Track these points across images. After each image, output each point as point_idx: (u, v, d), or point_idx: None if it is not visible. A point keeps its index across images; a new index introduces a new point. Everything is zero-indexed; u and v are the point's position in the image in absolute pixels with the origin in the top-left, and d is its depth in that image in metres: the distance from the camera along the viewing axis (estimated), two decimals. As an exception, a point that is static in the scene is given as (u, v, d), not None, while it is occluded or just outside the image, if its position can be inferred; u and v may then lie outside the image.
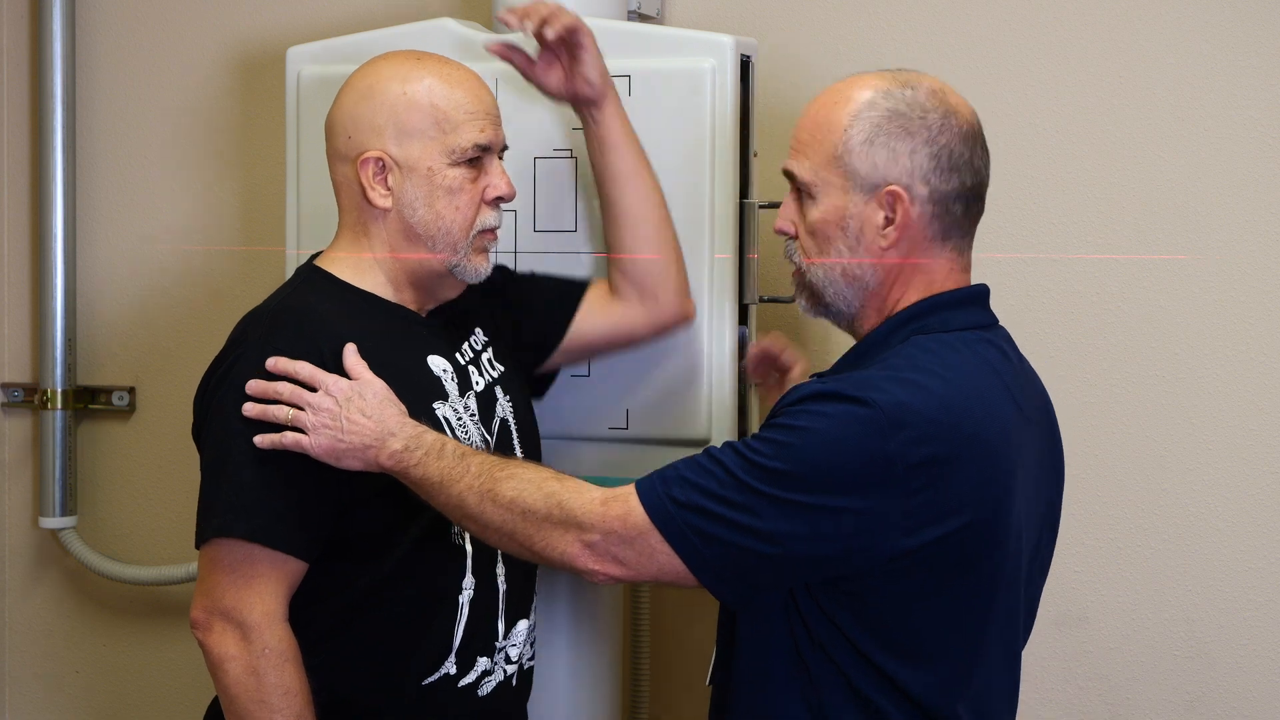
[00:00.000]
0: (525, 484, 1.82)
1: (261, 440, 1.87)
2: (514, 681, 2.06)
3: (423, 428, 1.90)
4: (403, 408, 1.91)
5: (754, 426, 2.38)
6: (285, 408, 1.88)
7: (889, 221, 1.80)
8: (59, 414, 2.99)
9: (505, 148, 2.08)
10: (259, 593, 1.87)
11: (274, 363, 1.90)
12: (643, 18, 2.57)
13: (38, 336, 3.01)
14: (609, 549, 1.77)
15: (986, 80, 2.57)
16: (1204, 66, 2.50)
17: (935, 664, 1.78)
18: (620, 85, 2.27)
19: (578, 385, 2.28)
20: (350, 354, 1.91)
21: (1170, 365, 2.53)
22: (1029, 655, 2.59)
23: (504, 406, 2.10)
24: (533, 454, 2.14)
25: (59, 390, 2.99)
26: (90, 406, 3.03)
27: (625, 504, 1.76)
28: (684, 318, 2.23)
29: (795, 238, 1.88)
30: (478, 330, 2.12)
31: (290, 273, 2.40)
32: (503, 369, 2.13)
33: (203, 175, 2.97)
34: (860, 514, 1.69)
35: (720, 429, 2.28)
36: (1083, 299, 2.56)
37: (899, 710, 1.78)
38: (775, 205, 2.45)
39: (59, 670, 3.11)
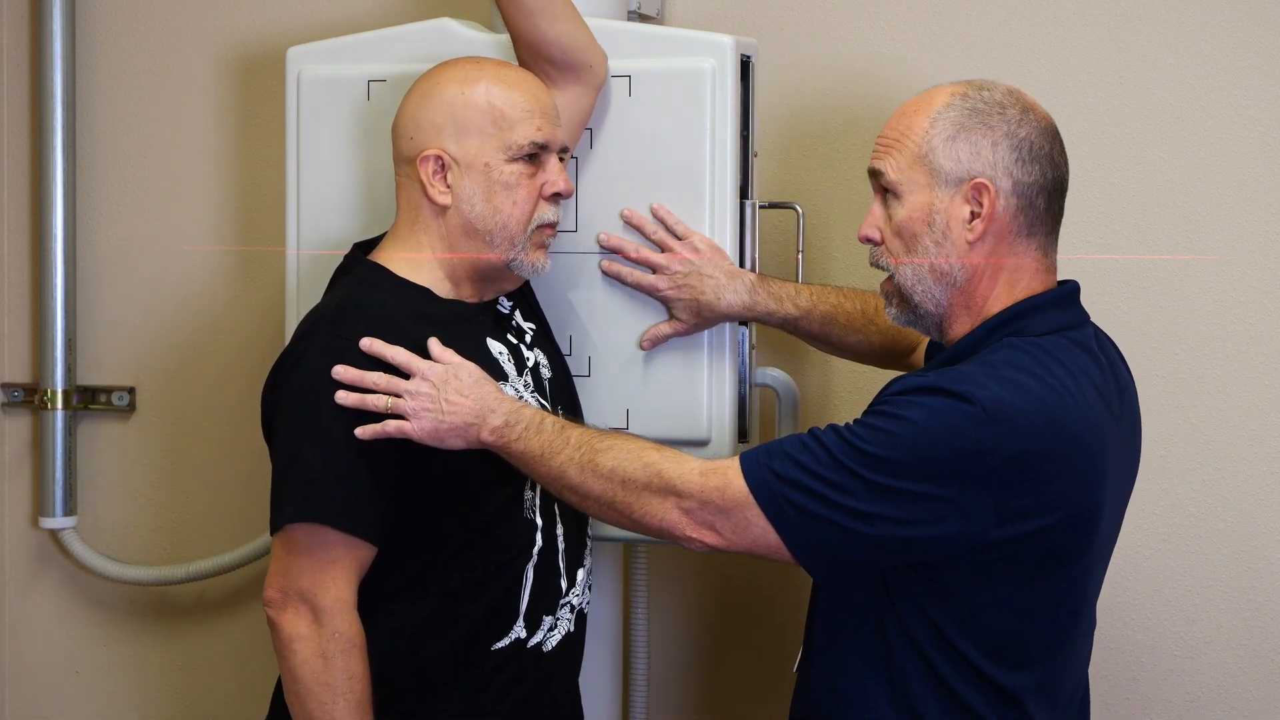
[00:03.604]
0: (625, 454, 1.89)
1: (363, 432, 1.93)
2: (574, 627, 2.14)
3: (521, 402, 1.97)
4: (498, 385, 1.98)
5: (754, 427, 2.38)
6: (383, 396, 1.94)
7: (975, 215, 1.84)
8: (59, 414, 2.99)
9: (566, 149, 2.14)
10: (334, 578, 1.94)
11: (369, 344, 1.96)
12: (643, 18, 2.57)
13: (38, 336, 3.01)
14: (706, 517, 1.83)
15: (986, 80, 2.57)
16: (1204, 66, 2.50)
17: (1018, 656, 1.83)
18: (620, 85, 2.27)
19: (578, 385, 2.28)
20: (435, 344, 1.98)
21: (1170, 365, 2.53)
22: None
23: (543, 368, 2.17)
24: (568, 402, 2.21)
25: (59, 390, 2.99)
26: (90, 406, 3.03)
27: (724, 476, 1.82)
28: (606, 65, 2.24)
29: (880, 243, 1.91)
30: (501, 299, 2.17)
31: (291, 271, 2.41)
32: (534, 326, 2.20)
33: (203, 175, 2.97)
34: (954, 503, 1.75)
35: (720, 429, 2.28)
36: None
37: (979, 697, 1.83)
38: (775, 205, 2.47)
39: (59, 670, 3.11)
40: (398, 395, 1.94)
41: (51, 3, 2.94)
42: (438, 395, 1.93)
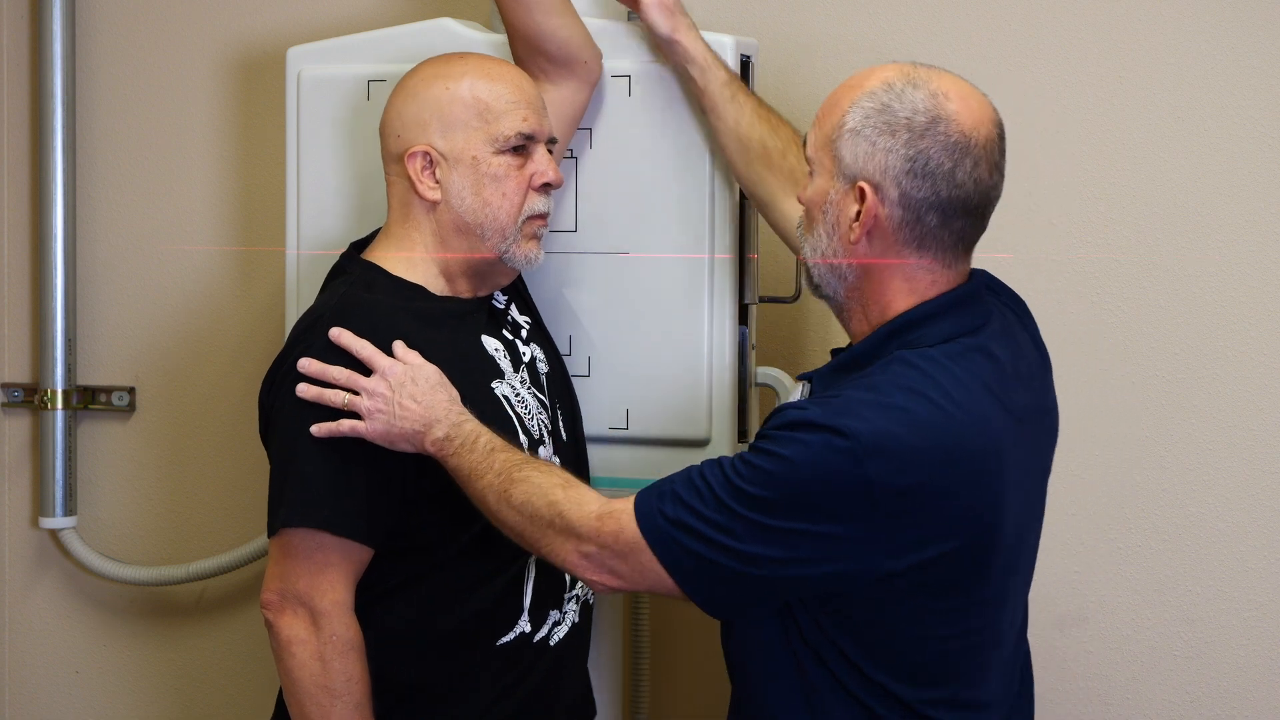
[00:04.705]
0: (534, 489, 1.86)
1: (319, 429, 1.93)
2: (579, 619, 2.15)
3: (465, 416, 1.95)
4: (454, 393, 1.97)
5: (754, 427, 2.38)
6: (341, 393, 1.94)
7: (859, 215, 1.79)
8: (59, 414, 2.99)
9: (554, 139, 2.14)
10: (331, 581, 1.94)
11: (337, 334, 1.96)
12: (643, 18, 2.57)
13: (38, 336, 3.01)
14: (604, 561, 1.80)
15: (986, 81, 2.55)
16: (1204, 66, 2.50)
17: (930, 677, 1.80)
18: (620, 85, 2.27)
19: (578, 385, 2.28)
20: (400, 346, 1.98)
21: (1170, 365, 2.53)
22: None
23: (540, 362, 2.18)
24: (565, 395, 2.21)
25: (59, 390, 2.99)
26: (90, 406, 3.03)
27: (618, 520, 1.79)
28: (601, 61, 2.24)
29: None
30: (496, 294, 2.17)
31: (291, 271, 2.42)
32: (529, 321, 2.20)
33: (203, 175, 2.97)
34: (840, 540, 1.71)
35: (720, 429, 2.28)
36: (1083, 299, 2.56)
37: (893, 715, 1.80)
38: (775, 205, 2.46)
39: (59, 670, 3.11)
40: (356, 393, 1.94)
41: (51, 3, 2.94)
42: (392, 398, 1.93)
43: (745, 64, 2.32)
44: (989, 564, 1.78)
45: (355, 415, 1.95)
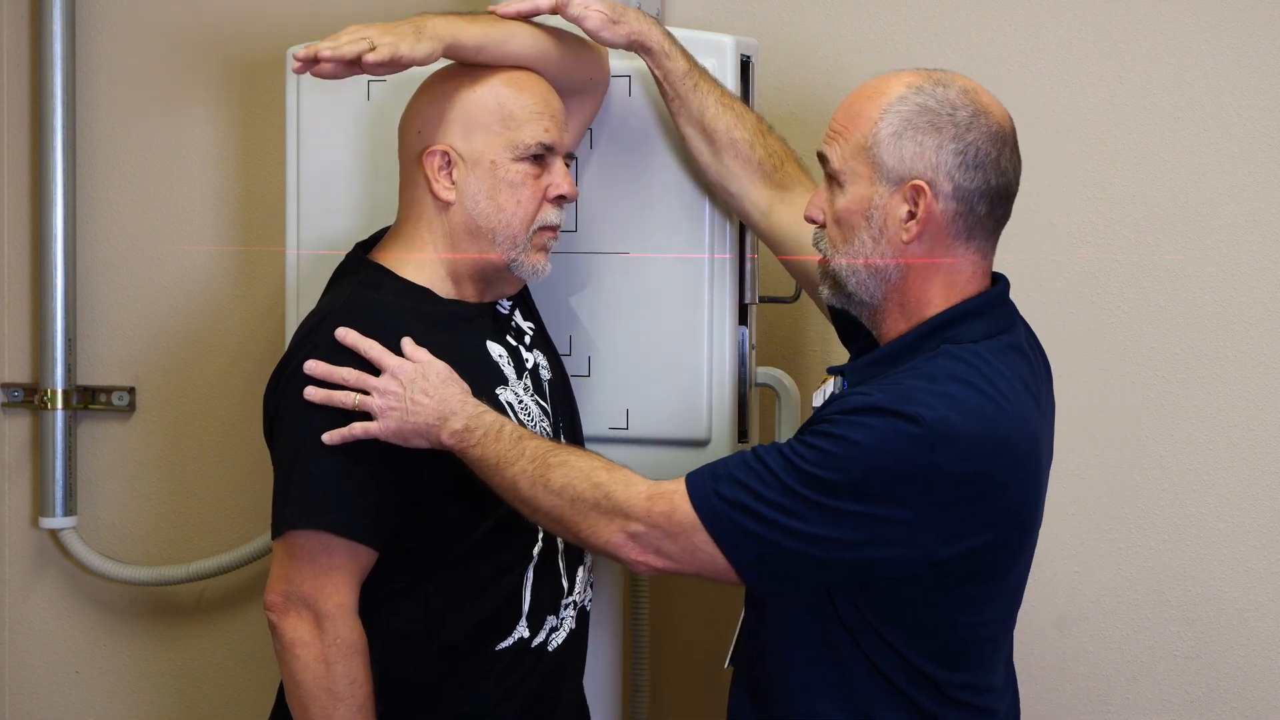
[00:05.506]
0: (576, 472, 1.87)
1: (330, 436, 1.93)
2: (576, 624, 2.15)
3: (483, 407, 1.96)
4: (465, 387, 1.97)
5: (754, 427, 2.38)
6: (350, 394, 1.94)
7: (912, 215, 1.82)
8: (59, 414, 2.99)
9: (573, 155, 2.15)
10: (335, 583, 1.94)
11: (344, 333, 1.96)
12: (643, 18, 2.57)
13: (38, 336, 3.01)
14: (652, 542, 1.82)
15: (986, 80, 2.55)
16: (1204, 66, 2.50)
17: (959, 661, 1.84)
18: (620, 85, 2.27)
19: (578, 385, 2.28)
20: (408, 343, 1.98)
21: (1170, 365, 2.53)
22: (1029, 655, 2.60)
23: (542, 369, 2.17)
24: (566, 403, 2.21)
25: (59, 390, 2.99)
26: (90, 406, 3.03)
27: (670, 501, 1.81)
28: (607, 65, 2.23)
29: (824, 226, 1.90)
30: (502, 300, 2.17)
31: (291, 271, 2.41)
32: (533, 326, 2.20)
33: (203, 175, 2.97)
34: (901, 524, 1.74)
35: (720, 429, 2.28)
36: (1083, 299, 2.56)
37: (932, 702, 1.83)
38: (775, 205, 2.46)
39: (59, 670, 3.11)
40: (366, 392, 1.94)
41: (51, 3, 2.94)
42: (404, 394, 1.93)
43: (745, 64, 2.32)
44: (1019, 555, 1.84)
45: (362, 416, 1.95)
